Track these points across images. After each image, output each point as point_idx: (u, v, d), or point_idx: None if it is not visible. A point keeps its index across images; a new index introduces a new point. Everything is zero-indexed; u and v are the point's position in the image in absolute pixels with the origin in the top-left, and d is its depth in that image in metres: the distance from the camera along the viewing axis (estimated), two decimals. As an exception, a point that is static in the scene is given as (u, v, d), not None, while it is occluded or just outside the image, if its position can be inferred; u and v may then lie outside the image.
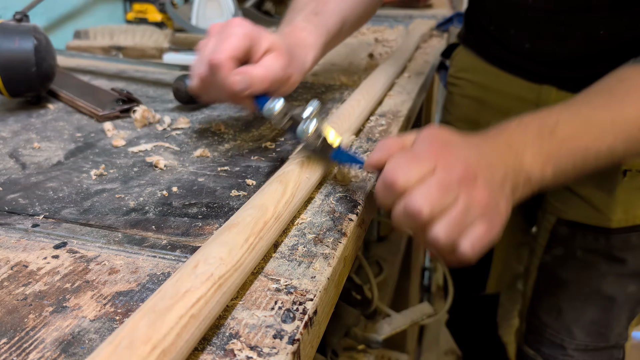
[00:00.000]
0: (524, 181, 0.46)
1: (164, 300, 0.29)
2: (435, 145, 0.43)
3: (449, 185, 0.40)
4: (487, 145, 0.46)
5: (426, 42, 1.23)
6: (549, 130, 0.48)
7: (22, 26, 0.69)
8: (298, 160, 0.48)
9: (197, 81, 0.54)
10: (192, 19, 1.19)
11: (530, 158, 0.46)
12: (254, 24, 0.54)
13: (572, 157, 0.49)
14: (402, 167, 0.40)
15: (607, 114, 0.50)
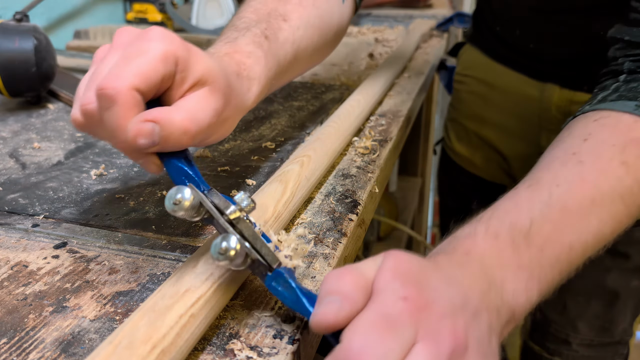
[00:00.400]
0: (507, 320, 0.36)
1: (163, 299, 0.29)
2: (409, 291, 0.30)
3: None
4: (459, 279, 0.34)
5: (426, 42, 1.23)
6: (523, 237, 0.38)
7: (22, 26, 0.69)
8: (298, 160, 0.48)
9: (79, 115, 0.35)
10: (192, 19, 1.19)
11: (511, 284, 0.37)
12: (182, 39, 0.37)
13: (558, 264, 0.40)
14: (373, 342, 0.27)
15: (582, 192, 0.41)
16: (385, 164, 0.58)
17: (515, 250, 0.38)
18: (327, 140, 0.53)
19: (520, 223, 0.39)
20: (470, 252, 0.37)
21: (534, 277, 0.38)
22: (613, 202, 0.42)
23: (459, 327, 0.31)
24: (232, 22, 0.51)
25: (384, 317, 0.28)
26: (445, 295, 0.32)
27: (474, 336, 0.31)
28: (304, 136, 0.63)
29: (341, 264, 0.41)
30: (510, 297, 0.36)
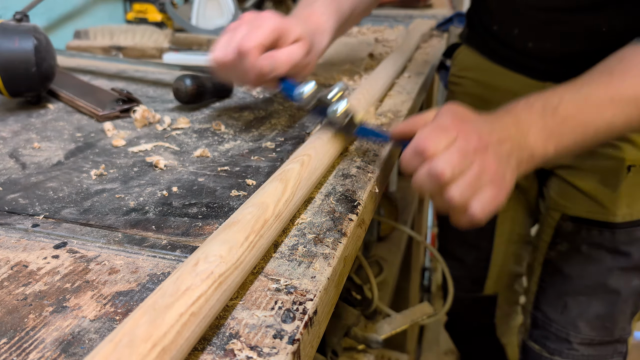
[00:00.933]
0: (527, 157, 0.51)
1: (164, 298, 0.29)
2: (456, 118, 0.49)
3: (467, 153, 0.46)
4: (497, 122, 0.52)
5: (426, 42, 1.23)
6: (552, 109, 0.53)
7: (22, 26, 0.69)
8: (299, 159, 0.48)
9: (221, 62, 0.58)
10: (192, 19, 1.19)
11: (534, 136, 0.51)
12: (284, 17, 0.60)
13: (573, 134, 0.53)
14: (432, 136, 0.47)
15: (605, 91, 0.54)
16: (385, 164, 0.58)
17: (543, 116, 0.53)
18: (327, 140, 0.53)
19: (552, 100, 0.54)
20: (510, 111, 0.54)
21: (553, 137, 0.52)
22: (629, 105, 0.54)
23: (484, 137, 0.48)
24: None
25: (438, 126, 0.48)
26: (481, 123, 0.50)
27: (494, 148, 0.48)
28: (304, 136, 0.63)
29: (341, 264, 0.41)
30: (532, 142, 0.51)
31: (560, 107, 0.53)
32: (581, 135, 0.54)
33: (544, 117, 0.52)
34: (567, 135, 0.53)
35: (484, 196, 0.46)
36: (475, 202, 0.46)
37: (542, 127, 0.52)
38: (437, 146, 0.46)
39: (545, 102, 0.53)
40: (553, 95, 0.54)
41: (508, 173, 0.49)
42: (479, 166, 0.46)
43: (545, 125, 0.52)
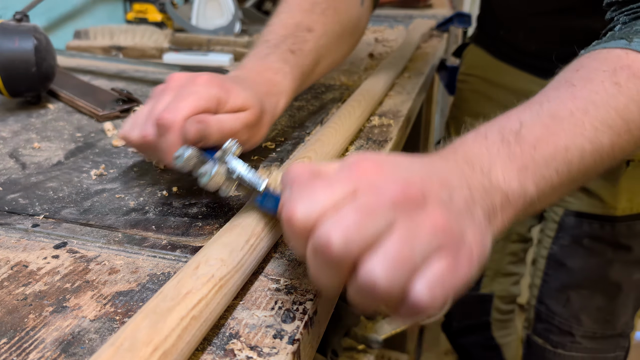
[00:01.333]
0: (501, 202, 0.35)
1: (165, 301, 0.29)
2: (360, 165, 0.31)
3: (376, 209, 0.28)
4: (439, 163, 0.34)
5: (426, 42, 1.23)
6: (514, 135, 0.38)
7: (22, 26, 0.69)
8: (299, 160, 0.48)
9: (136, 138, 0.46)
10: (192, 19, 1.19)
11: (500, 173, 0.36)
12: (224, 81, 0.47)
13: (553, 162, 0.38)
14: (304, 196, 0.30)
15: (574, 103, 0.41)
16: (386, 164, 0.58)
17: (505, 145, 0.37)
18: (327, 142, 0.53)
19: (510, 125, 0.39)
20: (457, 150, 0.37)
21: (527, 169, 0.37)
22: (608, 113, 0.40)
23: (414, 181, 0.30)
24: (264, 35, 0.60)
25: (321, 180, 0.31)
26: (406, 167, 0.32)
27: (438, 196, 0.30)
28: (304, 136, 0.63)
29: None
30: (501, 181, 0.35)
31: (523, 131, 0.38)
32: (564, 162, 0.38)
33: (507, 146, 0.37)
34: (545, 166, 0.37)
35: (430, 271, 0.28)
36: (418, 283, 0.28)
37: (508, 159, 0.36)
38: (311, 209, 0.29)
39: (501, 128, 0.38)
40: (507, 119, 0.40)
41: (470, 231, 0.31)
42: (408, 227, 0.28)
43: (511, 158, 0.37)
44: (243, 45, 1.06)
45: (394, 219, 0.28)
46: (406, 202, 0.29)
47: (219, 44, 1.07)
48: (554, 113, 0.40)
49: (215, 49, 1.06)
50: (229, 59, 0.99)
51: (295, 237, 0.30)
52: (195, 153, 0.41)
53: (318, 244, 0.28)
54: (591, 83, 0.42)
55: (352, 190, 0.29)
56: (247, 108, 0.47)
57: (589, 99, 0.41)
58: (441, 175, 0.32)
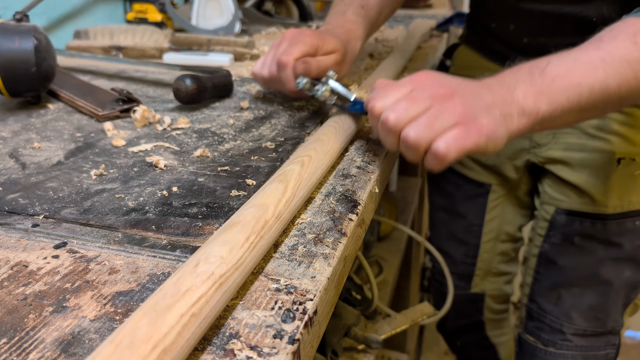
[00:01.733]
0: (517, 112, 0.50)
1: (164, 299, 0.29)
2: (419, 76, 0.50)
3: (419, 99, 0.47)
4: (476, 82, 0.51)
5: (426, 42, 1.23)
6: (540, 70, 0.52)
7: (22, 26, 0.69)
8: (299, 160, 0.48)
9: (266, 75, 0.69)
10: (192, 19, 1.19)
11: (521, 92, 0.50)
12: (321, 33, 0.69)
13: (565, 92, 0.51)
14: (380, 95, 0.50)
15: (596, 53, 0.53)
16: (385, 164, 0.58)
17: (530, 76, 0.51)
18: (327, 140, 0.53)
19: (539, 63, 0.53)
20: (494, 77, 0.52)
21: (543, 94, 0.50)
22: (621, 64, 0.52)
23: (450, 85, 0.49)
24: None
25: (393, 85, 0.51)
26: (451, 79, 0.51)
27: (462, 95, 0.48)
28: (304, 136, 0.63)
29: (341, 264, 0.41)
30: (521, 97, 0.50)
31: (549, 68, 0.52)
32: (575, 94, 0.51)
33: (532, 77, 0.51)
34: (559, 93, 0.51)
35: (448, 135, 0.45)
36: (439, 141, 0.45)
37: (530, 84, 0.51)
38: (384, 103, 0.49)
39: (532, 65, 0.53)
40: (540, 60, 0.53)
41: (484, 118, 0.47)
42: (438, 109, 0.46)
43: (533, 83, 0.51)
44: (243, 45, 1.06)
45: (430, 105, 0.47)
46: (440, 96, 0.47)
47: (219, 44, 1.07)
48: (576, 58, 0.53)
49: (215, 49, 1.06)
50: (229, 59, 0.99)
51: (374, 119, 0.50)
52: (308, 80, 0.63)
53: (382, 121, 0.48)
54: (615, 40, 0.54)
55: (410, 90, 0.49)
56: (336, 51, 0.69)
57: (608, 51, 0.53)
58: (472, 86, 0.50)
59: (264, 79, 0.70)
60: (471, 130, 0.46)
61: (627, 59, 0.52)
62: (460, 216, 1.12)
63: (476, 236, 1.11)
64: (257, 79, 0.72)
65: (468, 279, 1.16)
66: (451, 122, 0.46)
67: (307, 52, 0.66)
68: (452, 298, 1.14)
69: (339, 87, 0.61)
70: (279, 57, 0.66)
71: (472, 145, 0.46)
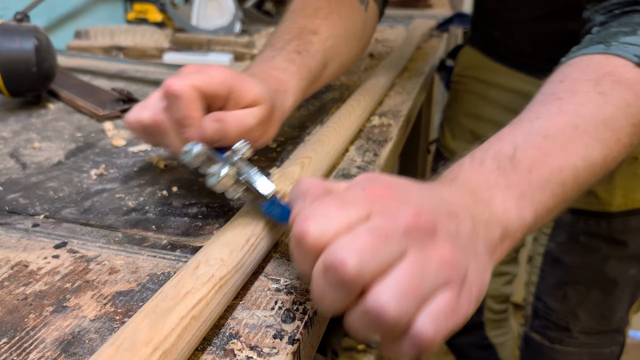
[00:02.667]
0: (501, 235, 0.35)
1: (165, 301, 0.29)
2: (373, 187, 0.31)
3: (390, 235, 0.28)
4: (445, 192, 0.34)
5: (426, 42, 1.23)
6: (509, 160, 0.38)
7: (22, 26, 0.69)
8: (299, 161, 0.48)
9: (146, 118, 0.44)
10: (193, 19, 1.19)
11: (500, 203, 0.35)
12: (238, 73, 0.46)
13: (549, 185, 0.38)
14: (318, 214, 0.29)
15: (563, 119, 0.41)
16: (385, 164, 0.58)
17: (502, 173, 0.37)
18: (327, 142, 0.53)
19: (504, 150, 0.39)
20: (457, 178, 0.37)
21: (525, 197, 0.37)
22: (597, 128, 0.41)
23: (426, 210, 0.29)
24: (269, 41, 0.59)
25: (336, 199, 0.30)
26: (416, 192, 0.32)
27: (446, 228, 0.30)
28: (304, 136, 0.63)
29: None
30: (500, 212, 0.35)
31: (518, 156, 0.38)
32: (558, 184, 0.38)
33: (503, 174, 0.37)
34: (541, 191, 0.37)
35: (436, 305, 0.27)
36: (424, 316, 0.27)
37: (506, 187, 0.36)
38: (325, 228, 0.28)
39: (496, 155, 0.38)
40: (501, 143, 0.40)
41: (473, 266, 0.30)
42: (419, 257, 0.28)
43: (508, 185, 0.36)
44: (243, 45, 1.06)
45: (406, 247, 0.28)
46: (418, 231, 0.28)
47: (219, 44, 1.07)
48: (545, 132, 0.40)
49: (215, 49, 1.06)
50: (229, 59, 0.99)
51: (304, 254, 0.29)
52: (204, 150, 0.39)
53: (331, 264, 0.27)
54: (577, 95, 0.42)
55: (366, 213, 0.29)
56: (260, 102, 0.45)
57: (576, 113, 0.41)
58: (448, 205, 0.32)
59: (142, 125, 0.45)
60: (463, 298, 0.29)
61: (601, 118, 0.41)
62: None
63: None
64: (133, 128, 0.46)
65: None
66: (440, 283, 0.28)
67: (214, 92, 0.42)
68: None
69: (249, 172, 0.39)
70: (168, 83, 0.41)
71: (463, 320, 0.30)
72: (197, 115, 0.41)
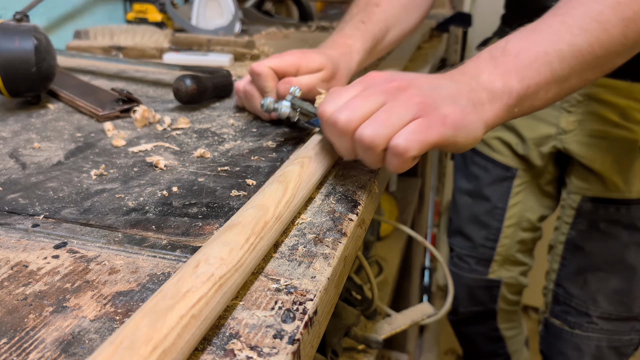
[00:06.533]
0: (488, 97, 0.46)
1: (164, 300, 0.29)
2: (370, 75, 0.48)
3: (371, 95, 0.44)
4: (434, 75, 0.47)
5: (426, 42, 1.23)
6: (500, 50, 0.49)
7: (22, 26, 0.69)
8: (299, 161, 0.48)
9: (241, 88, 0.68)
10: (192, 19, 1.19)
11: (487, 76, 0.46)
12: (306, 51, 0.65)
13: (534, 64, 0.47)
14: (331, 99, 0.46)
15: (554, 19, 0.50)
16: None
17: (492, 58, 0.48)
18: (328, 142, 0.53)
19: (498, 44, 0.50)
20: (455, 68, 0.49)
21: (511, 72, 0.47)
22: (583, 20, 0.49)
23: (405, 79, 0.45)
24: (343, 18, 0.77)
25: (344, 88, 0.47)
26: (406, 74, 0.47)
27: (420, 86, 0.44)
28: (304, 136, 0.63)
29: (341, 264, 0.41)
30: (487, 82, 0.46)
31: (509, 45, 0.49)
32: (545, 64, 0.47)
33: (494, 59, 0.48)
34: (527, 67, 0.47)
35: (407, 129, 0.41)
36: (397, 136, 0.41)
37: (494, 66, 0.47)
38: (335, 106, 0.44)
39: (491, 49, 0.50)
40: (498, 42, 0.51)
41: (449, 107, 0.43)
42: (393, 103, 0.42)
43: (497, 64, 0.47)
44: (243, 45, 1.06)
45: (384, 100, 0.43)
46: (394, 89, 0.44)
47: (219, 44, 1.07)
48: (535, 29, 0.50)
49: (215, 49, 1.06)
50: (229, 59, 0.99)
51: (324, 124, 0.46)
52: (272, 100, 0.58)
53: (332, 123, 0.44)
54: (571, 2, 0.51)
55: (361, 89, 0.45)
56: (322, 68, 0.64)
57: (566, 13, 0.50)
58: (430, 78, 0.46)
59: (238, 94, 0.70)
60: (433, 121, 0.42)
61: (589, 14, 0.49)
62: (485, 199, 1.15)
63: (498, 219, 1.14)
64: (237, 95, 0.71)
65: (486, 263, 1.18)
66: (410, 115, 0.42)
67: (286, 68, 0.63)
68: (454, 288, 1.17)
69: (300, 103, 0.57)
70: (252, 66, 0.63)
71: (437, 137, 0.42)
72: (272, 84, 0.63)
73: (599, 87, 0.90)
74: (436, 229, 2.18)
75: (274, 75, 0.63)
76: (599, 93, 0.91)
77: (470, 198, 1.18)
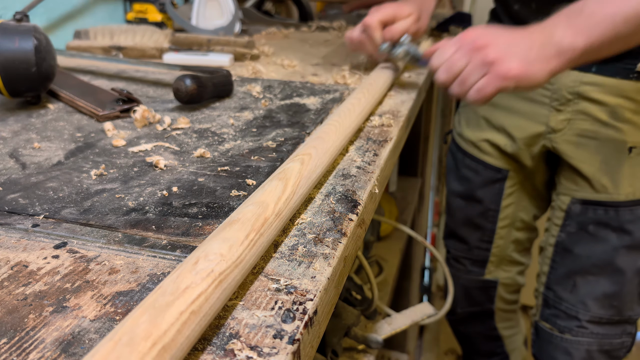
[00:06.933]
0: (556, 51, 0.62)
1: (164, 296, 0.29)
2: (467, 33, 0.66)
3: (459, 59, 0.66)
4: (519, 30, 0.64)
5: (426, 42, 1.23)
6: (578, 10, 0.63)
7: (22, 26, 0.69)
8: (299, 158, 0.48)
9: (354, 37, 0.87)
10: (192, 19, 1.19)
11: (560, 33, 0.62)
12: (400, 4, 0.87)
13: (602, 25, 0.61)
14: (437, 56, 0.70)
15: None
16: (385, 164, 0.58)
17: (568, 17, 0.63)
18: (327, 139, 0.53)
19: (575, 6, 0.64)
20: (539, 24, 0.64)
21: (581, 31, 0.62)
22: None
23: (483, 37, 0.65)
24: None
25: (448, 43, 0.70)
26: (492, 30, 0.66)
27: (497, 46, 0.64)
28: (304, 136, 0.63)
29: (341, 264, 0.41)
30: (559, 38, 0.62)
31: (585, 7, 0.62)
32: (610, 25, 0.61)
33: (569, 17, 0.62)
34: (595, 28, 0.61)
35: (475, 87, 0.64)
36: (469, 93, 0.65)
37: (568, 24, 0.62)
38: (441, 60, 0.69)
39: (569, 9, 0.64)
40: (577, 2, 0.64)
41: (514, 62, 0.62)
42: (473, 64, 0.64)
43: (570, 23, 0.61)
44: (243, 45, 1.06)
45: (468, 61, 0.65)
46: (475, 50, 0.64)
47: (219, 44, 1.07)
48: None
49: (215, 49, 1.06)
50: (229, 59, 0.99)
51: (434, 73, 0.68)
52: (389, 44, 0.83)
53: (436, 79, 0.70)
54: None
55: (455, 50, 0.67)
56: (412, 14, 0.87)
57: None
58: (512, 35, 0.64)
59: (352, 41, 0.87)
60: (496, 76, 0.62)
61: None
62: (477, 201, 1.15)
63: (492, 221, 1.14)
64: (347, 42, 0.89)
65: (482, 264, 1.18)
66: (479, 75, 0.64)
67: (387, 18, 0.83)
68: (453, 288, 1.17)
69: (411, 48, 0.81)
70: (364, 20, 0.83)
71: (496, 89, 0.64)
72: (379, 34, 0.84)
73: (589, 85, 0.89)
74: (436, 229, 2.18)
75: (380, 25, 0.83)
76: (589, 91, 0.90)
77: (463, 200, 1.17)
